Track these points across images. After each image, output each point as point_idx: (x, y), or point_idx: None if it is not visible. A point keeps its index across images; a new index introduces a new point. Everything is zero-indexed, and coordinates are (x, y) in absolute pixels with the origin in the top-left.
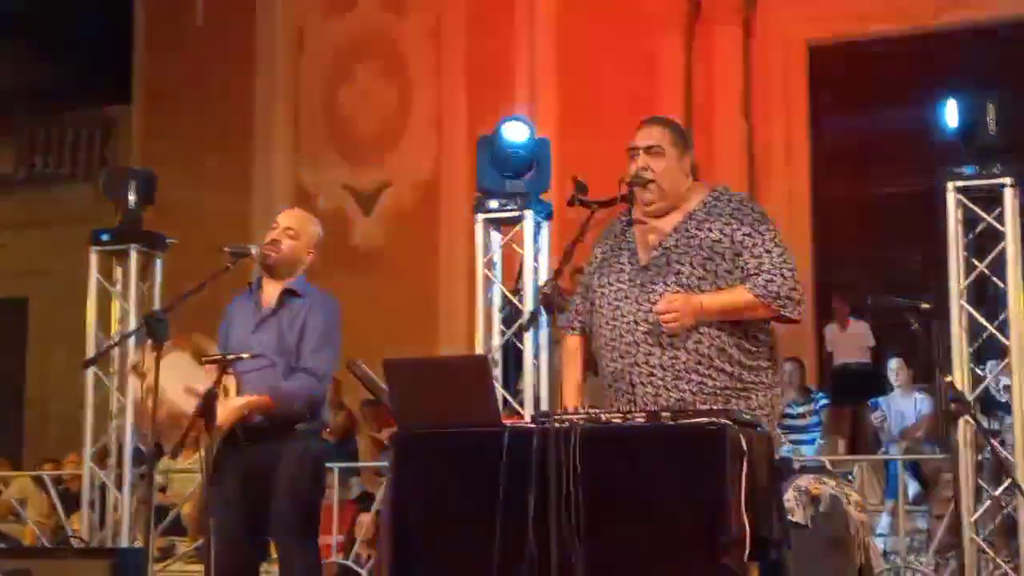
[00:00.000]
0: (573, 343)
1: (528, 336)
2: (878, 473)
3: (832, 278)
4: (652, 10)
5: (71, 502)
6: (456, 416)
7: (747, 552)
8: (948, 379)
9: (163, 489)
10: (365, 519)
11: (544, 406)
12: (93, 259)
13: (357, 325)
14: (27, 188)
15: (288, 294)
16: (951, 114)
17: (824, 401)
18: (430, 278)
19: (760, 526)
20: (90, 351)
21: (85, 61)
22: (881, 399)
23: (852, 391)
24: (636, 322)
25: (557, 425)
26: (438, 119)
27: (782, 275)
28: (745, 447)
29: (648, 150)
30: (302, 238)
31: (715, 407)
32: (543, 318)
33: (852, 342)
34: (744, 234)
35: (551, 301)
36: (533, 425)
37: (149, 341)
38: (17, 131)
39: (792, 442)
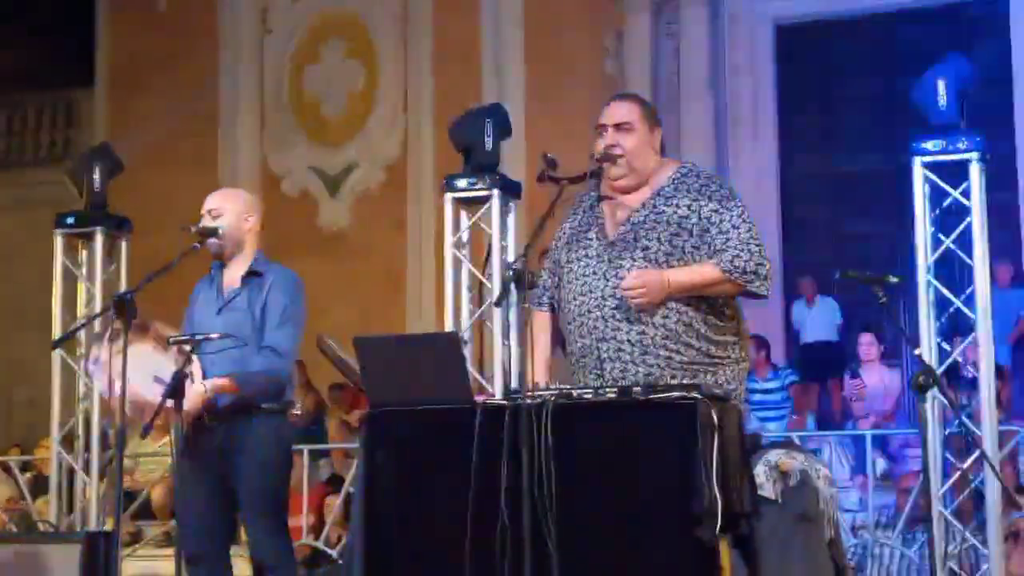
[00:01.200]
0: (542, 319)
1: (497, 314)
2: (846, 450)
3: (799, 255)
4: None
5: (41, 488)
6: (428, 393)
7: (718, 526)
8: (917, 352)
9: (131, 473)
10: (334, 501)
11: (514, 384)
12: (58, 242)
13: (325, 307)
14: None
15: (250, 275)
16: (918, 90)
17: (792, 377)
18: (397, 259)
19: (731, 500)
20: (56, 334)
21: (48, 44)
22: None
23: (819, 368)
24: (604, 297)
25: (529, 401)
26: (404, 100)
27: (748, 250)
28: (716, 420)
29: (617, 127)
30: (228, 214)
31: (684, 381)
32: (513, 295)
33: (819, 319)
34: (711, 210)
35: (521, 277)
36: (505, 402)
37: (108, 333)
38: None
39: (760, 418)
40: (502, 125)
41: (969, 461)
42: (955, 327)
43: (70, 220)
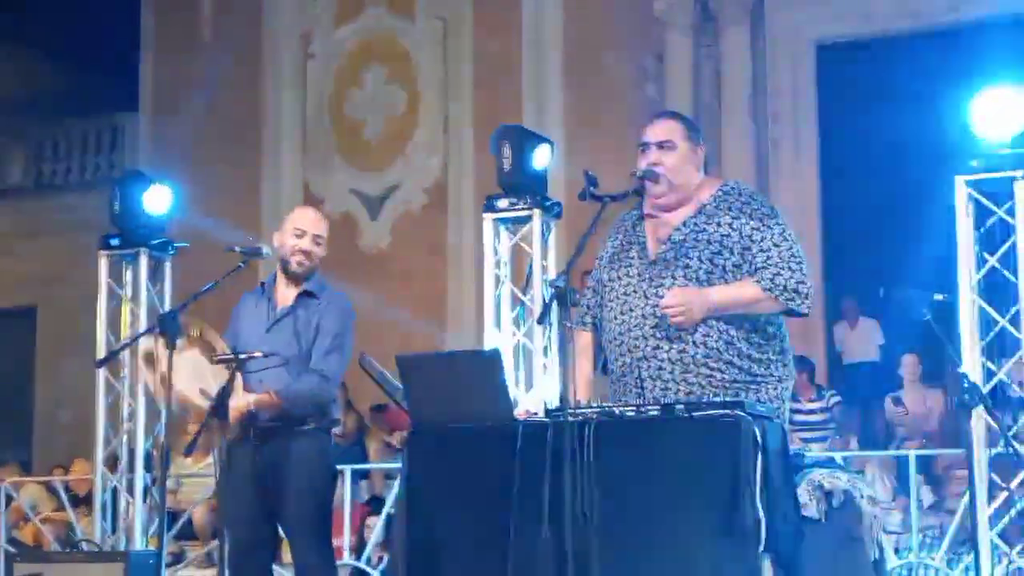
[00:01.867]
0: (584, 339)
1: (539, 332)
2: (889, 471)
3: (841, 276)
4: (660, 10)
5: (79, 507)
6: (470, 410)
7: (762, 544)
8: (962, 370)
9: (174, 493)
10: (375, 522)
11: (556, 402)
12: (103, 264)
13: (366, 328)
14: (36, 196)
15: (305, 295)
16: (962, 108)
17: (836, 398)
18: (438, 281)
19: (774, 518)
20: (100, 355)
21: (93, 69)
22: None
23: (862, 389)
24: (645, 316)
25: (571, 419)
26: (445, 123)
27: (790, 268)
28: (760, 439)
29: (659, 145)
30: (325, 242)
31: (727, 400)
32: (554, 313)
33: (862, 340)
34: (753, 228)
35: (563, 295)
36: (547, 419)
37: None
38: (26, 140)
39: (803, 439)
40: (542, 147)
41: (1016, 482)
42: (1002, 347)
43: (115, 241)
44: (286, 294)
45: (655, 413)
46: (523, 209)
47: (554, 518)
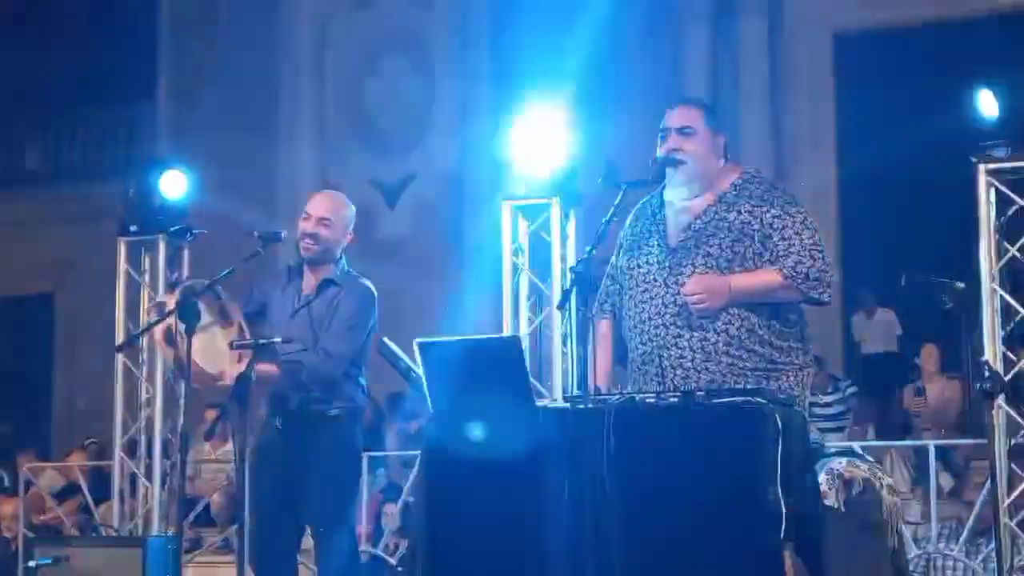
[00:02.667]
0: (604, 327)
1: (557, 319)
2: (907, 461)
3: (859, 266)
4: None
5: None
6: (489, 397)
7: (782, 531)
8: (983, 358)
9: (192, 479)
10: (392, 509)
11: (575, 389)
12: (121, 249)
13: (384, 317)
14: (54, 184)
15: (326, 283)
16: (983, 100)
17: (852, 389)
18: (455, 270)
19: (795, 506)
20: (119, 342)
21: (111, 56)
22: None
23: (880, 379)
24: (665, 304)
25: (591, 405)
26: (463, 111)
27: (811, 256)
28: (781, 426)
29: (680, 131)
30: (337, 225)
31: (748, 387)
32: (574, 299)
33: (879, 330)
34: (774, 216)
35: (583, 280)
36: (567, 405)
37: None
38: (44, 127)
39: (821, 430)
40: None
41: None
42: (1022, 336)
43: (133, 228)
44: (310, 280)
45: (675, 400)
46: (541, 197)
47: (574, 505)
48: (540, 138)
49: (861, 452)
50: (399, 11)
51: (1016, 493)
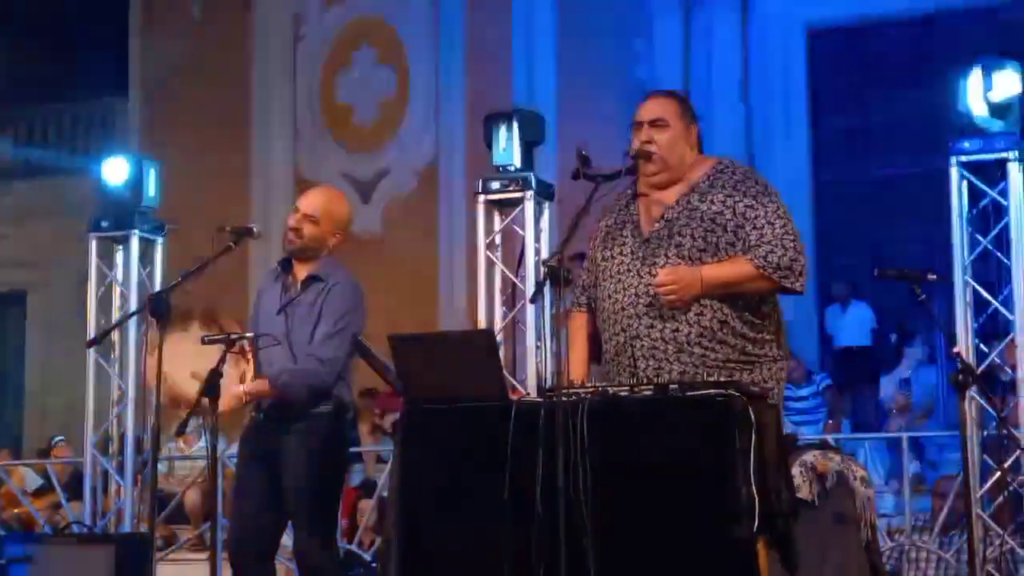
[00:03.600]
0: (579, 319)
1: (531, 313)
2: (882, 454)
3: (832, 260)
4: None
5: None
6: (463, 390)
7: (755, 525)
8: (956, 350)
9: (165, 476)
10: (367, 505)
11: (549, 382)
12: (93, 246)
13: None
14: (25, 180)
15: (311, 279)
16: (954, 90)
17: (827, 382)
18: (430, 264)
19: (768, 498)
20: (91, 336)
21: (82, 52)
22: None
23: (854, 372)
24: (638, 295)
25: (564, 399)
26: (436, 105)
27: (783, 246)
28: (754, 419)
29: (652, 123)
30: (324, 223)
31: (721, 379)
32: (547, 293)
33: (853, 324)
34: (747, 206)
35: (556, 274)
36: (540, 399)
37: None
38: (15, 122)
39: (795, 423)
40: (535, 129)
41: (1008, 463)
42: (994, 328)
43: (105, 223)
44: (298, 275)
45: (649, 393)
46: (515, 191)
47: (547, 498)
48: (519, 132)
49: (835, 444)
50: (372, 4)
51: (988, 484)
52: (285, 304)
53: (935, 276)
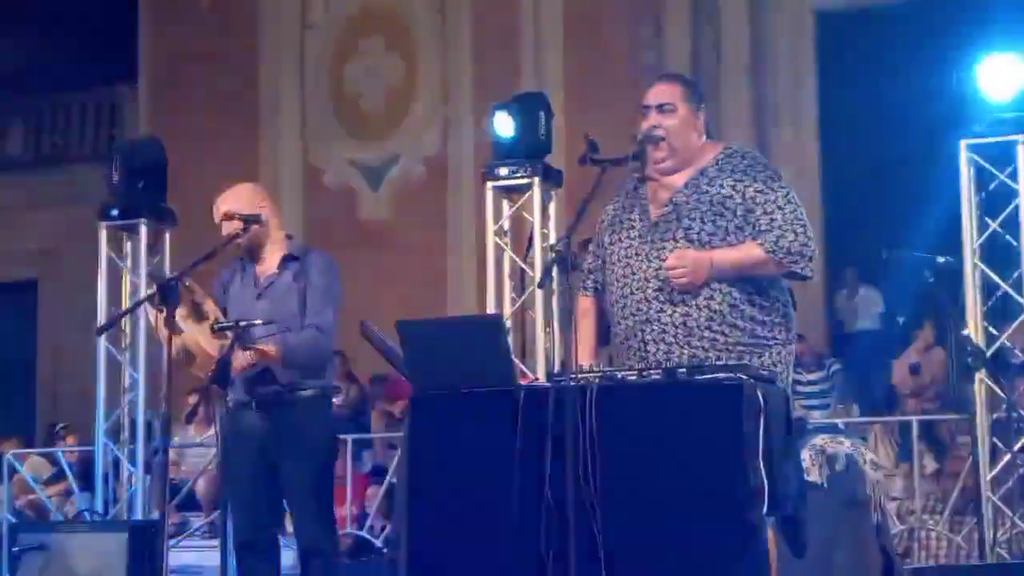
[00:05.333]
0: (586, 303)
1: (539, 298)
2: (891, 437)
3: (841, 244)
4: None
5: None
6: (471, 376)
7: (764, 508)
8: (965, 332)
9: (176, 464)
10: (377, 491)
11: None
12: (103, 234)
13: (366, 299)
14: (36, 169)
15: (287, 259)
16: (963, 73)
17: (837, 367)
18: (439, 251)
19: (777, 482)
20: (99, 324)
21: (92, 41)
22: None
23: (863, 357)
24: (647, 279)
25: (573, 383)
26: (444, 92)
27: (794, 231)
28: (762, 402)
29: (660, 108)
30: (244, 211)
31: (730, 363)
32: (556, 277)
33: (862, 308)
34: (756, 190)
35: (564, 258)
36: (548, 384)
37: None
38: (25, 112)
39: (805, 407)
40: (544, 114)
41: (1018, 446)
42: (1004, 311)
43: (114, 212)
44: (266, 262)
45: (657, 377)
46: (523, 177)
47: (556, 483)
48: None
49: (844, 428)
50: None
51: (999, 467)
52: (264, 288)
53: (944, 259)
